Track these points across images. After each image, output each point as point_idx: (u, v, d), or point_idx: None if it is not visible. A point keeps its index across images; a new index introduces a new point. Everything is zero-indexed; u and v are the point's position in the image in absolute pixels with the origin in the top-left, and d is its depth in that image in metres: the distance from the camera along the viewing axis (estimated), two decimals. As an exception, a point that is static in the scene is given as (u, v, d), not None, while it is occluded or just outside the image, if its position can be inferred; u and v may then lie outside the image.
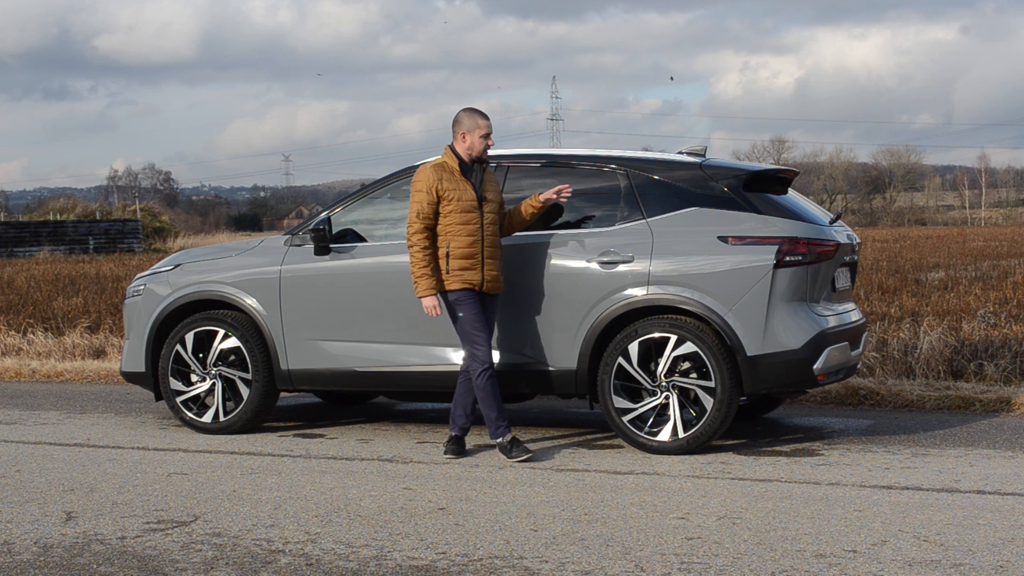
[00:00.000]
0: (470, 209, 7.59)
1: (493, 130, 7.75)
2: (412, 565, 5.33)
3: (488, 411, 7.58)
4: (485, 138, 7.67)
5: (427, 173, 7.61)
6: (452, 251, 7.56)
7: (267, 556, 5.52)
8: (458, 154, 7.69)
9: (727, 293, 7.64)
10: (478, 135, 7.65)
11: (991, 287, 18.31)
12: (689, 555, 5.42)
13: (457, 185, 7.60)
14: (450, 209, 7.56)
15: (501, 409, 7.60)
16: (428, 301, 7.56)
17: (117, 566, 5.40)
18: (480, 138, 7.65)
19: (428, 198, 7.55)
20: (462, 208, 7.57)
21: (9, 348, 14.41)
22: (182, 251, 9.56)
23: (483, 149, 7.68)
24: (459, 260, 7.56)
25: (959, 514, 6.07)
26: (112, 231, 65.03)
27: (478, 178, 7.69)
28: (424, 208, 7.55)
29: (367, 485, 6.97)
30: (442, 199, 7.57)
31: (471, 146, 7.66)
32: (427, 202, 7.55)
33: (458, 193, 7.57)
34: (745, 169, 8.09)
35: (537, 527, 5.93)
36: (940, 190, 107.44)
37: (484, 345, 7.57)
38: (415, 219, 7.57)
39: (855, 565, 5.23)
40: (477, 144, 7.65)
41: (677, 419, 7.67)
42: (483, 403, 7.57)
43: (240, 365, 8.67)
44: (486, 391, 7.56)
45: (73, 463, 7.79)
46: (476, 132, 7.66)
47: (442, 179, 7.58)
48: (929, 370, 10.55)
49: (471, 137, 7.66)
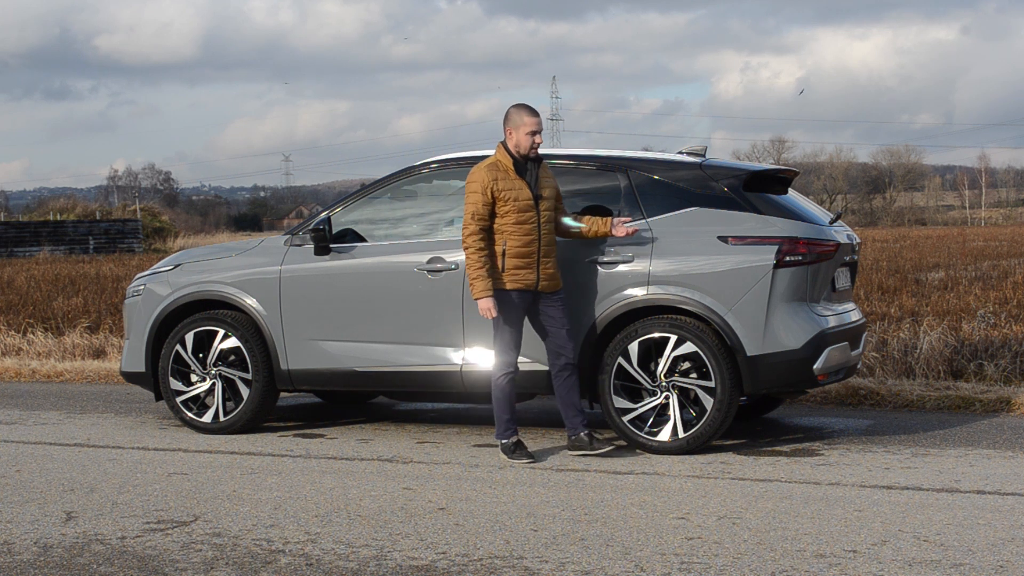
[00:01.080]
0: (527, 208, 7.45)
1: (543, 127, 7.58)
2: (412, 565, 5.33)
3: (500, 412, 7.55)
4: (532, 135, 7.48)
5: (481, 173, 7.48)
6: (508, 250, 7.45)
7: (267, 556, 5.52)
8: (510, 151, 7.55)
9: (727, 293, 7.64)
10: (524, 132, 7.49)
11: (991, 287, 18.31)
12: (689, 555, 5.42)
13: (512, 184, 7.45)
14: (507, 209, 7.43)
15: (513, 412, 7.58)
16: (484, 303, 7.40)
17: (117, 566, 5.40)
18: (526, 135, 7.49)
19: (483, 199, 7.42)
20: (519, 208, 7.43)
21: (9, 348, 14.41)
22: (182, 251, 9.56)
23: (530, 146, 7.50)
24: (515, 259, 7.45)
25: (959, 514, 6.07)
26: (112, 231, 65.04)
27: (533, 176, 7.54)
28: (479, 209, 7.43)
29: (367, 485, 6.97)
30: (497, 199, 7.43)
31: (518, 143, 7.51)
32: (482, 203, 7.43)
33: (514, 193, 7.44)
34: (745, 169, 8.09)
35: (537, 527, 5.93)
36: (940, 190, 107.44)
37: (515, 351, 7.51)
38: (470, 220, 7.44)
39: (855, 565, 5.23)
40: (524, 141, 7.50)
41: (677, 419, 7.67)
42: (497, 404, 7.54)
43: (240, 365, 8.67)
44: (503, 392, 7.51)
45: (73, 463, 7.79)
46: (522, 129, 7.51)
47: (497, 179, 7.45)
48: (929, 370, 10.54)
49: (517, 134, 7.52)
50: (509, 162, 7.51)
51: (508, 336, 7.50)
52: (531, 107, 7.59)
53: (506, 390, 7.53)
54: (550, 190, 7.61)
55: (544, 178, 7.63)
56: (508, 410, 7.55)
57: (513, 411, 7.59)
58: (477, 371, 8.11)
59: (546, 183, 7.62)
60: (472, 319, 8.07)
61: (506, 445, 7.59)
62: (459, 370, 8.15)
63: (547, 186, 7.61)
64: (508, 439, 7.58)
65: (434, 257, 8.22)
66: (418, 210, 8.90)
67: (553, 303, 7.60)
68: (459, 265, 8.13)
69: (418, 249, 8.32)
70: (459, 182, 8.73)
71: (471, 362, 8.12)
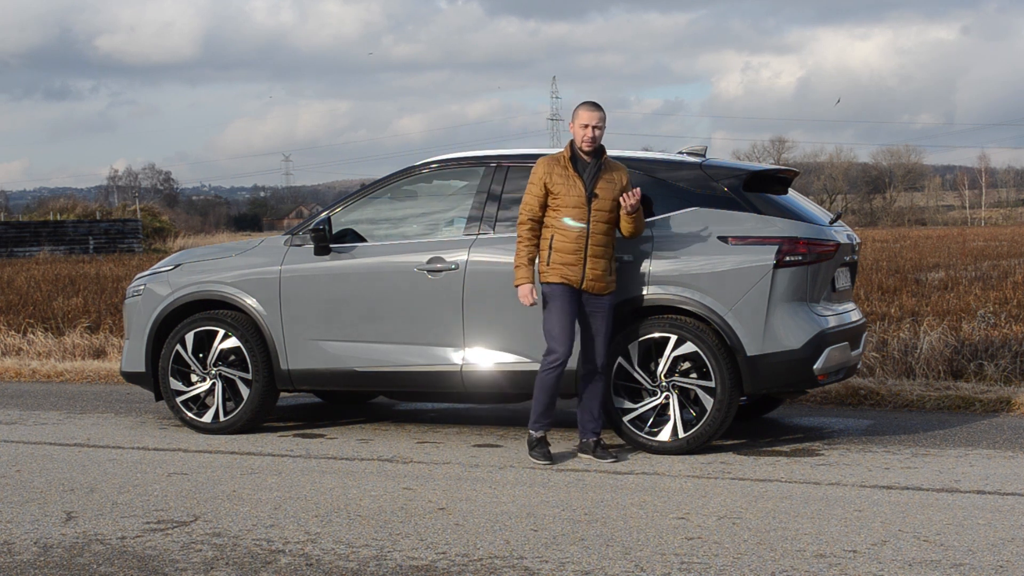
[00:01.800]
0: (576, 205, 7.38)
1: (602, 123, 7.44)
2: (412, 565, 5.33)
3: (538, 403, 7.49)
4: (585, 128, 7.40)
5: (540, 166, 7.47)
6: (555, 244, 7.40)
7: (267, 556, 5.52)
8: (572, 146, 7.53)
9: (727, 293, 7.64)
10: (579, 124, 7.44)
11: (991, 287, 18.31)
12: (689, 555, 5.42)
13: (566, 180, 7.40)
14: (557, 204, 7.39)
15: (550, 408, 7.51)
16: (522, 289, 7.40)
17: (117, 566, 5.40)
18: (580, 127, 7.42)
19: (536, 191, 7.41)
20: (568, 204, 7.38)
21: (9, 348, 14.41)
22: (182, 251, 9.56)
23: (582, 139, 7.41)
24: (560, 255, 7.39)
25: (959, 514, 6.07)
26: (112, 231, 65.04)
27: (590, 173, 7.43)
28: (530, 201, 7.42)
29: (367, 485, 6.97)
30: (550, 192, 7.41)
31: (574, 137, 7.49)
32: (534, 195, 7.42)
33: (566, 188, 7.39)
34: (745, 169, 8.09)
35: (537, 527, 5.93)
36: (940, 190, 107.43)
37: (561, 344, 7.38)
38: (522, 211, 7.47)
39: (855, 565, 5.23)
40: (577, 134, 7.44)
41: (677, 419, 7.67)
42: (538, 393, 7.47)
43: (240, 365, 8.67)
44: (547, 385, 7.44)
45: (73, 463, 7.79)
46: (577, 122, 7.47)
47: (552, 172, 7.41)
48: (929, 370, 10.54)
49: (573, 127, 7.49)
50: (568, 156, 7.47)
51: (552, 328, 7.42)
52: (593, 103, 7.51)
53: (546, 382, 7.43)
54: (608, 191, 7.42)
55: (604, 179, 7.44)
56: (543, 402, 7.47)
57: (552, 407, 7.51)
58: (477, 371, 8.11)
59: (605, 183, 7.43)
60: (472, 319, 8.08)
61: (532, 438, 7.53)
62: (459, 370, 8.16)
63: (605, 187, 7.42)
64: (536, 432, 7.53)
65: (434, 257, 8.22)
66: (418, 210, 8.90)
67: (597, 307, 7.48)
68: (459, 265, 8.13)
69: (418, 249, 8.32)
70: (459, 182, 8.74)
71: (471, 362, 8.12)
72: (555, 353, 7.40)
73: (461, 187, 8.67)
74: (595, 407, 7.57)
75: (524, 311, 7.96)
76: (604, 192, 7.43)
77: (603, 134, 7.52)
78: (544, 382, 7.45)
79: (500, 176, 8.31)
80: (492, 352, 8.09)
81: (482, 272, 8.09)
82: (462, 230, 8.30)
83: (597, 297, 7.48)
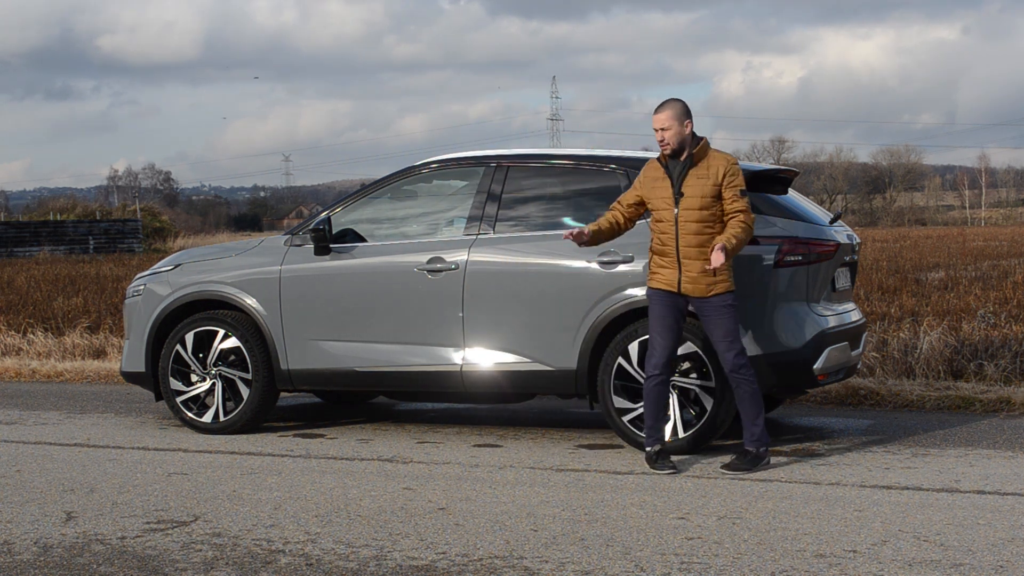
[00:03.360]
0: (664, 207, 7.21)
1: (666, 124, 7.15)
2: (412, 565, 5.33)
3: (646, 416, 7.26)
4: (655, 133, 7.23)
5: (645, 165, 7.35)
6: (652, 247, 7.28)
7: (267, 556, 5.52)
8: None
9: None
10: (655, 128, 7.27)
11: (991, 287, 18.31)
12: (689, 555, 5.42)
13: (656, 182, 7.25)
14: (651, 207, 7.29)
15: (658, 419, 7.26)
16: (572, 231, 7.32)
17: (117, 566, 5.40)
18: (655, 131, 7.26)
19: (632, 187, 7.35)
20: (657, 206, 7.24)
21: (9, 348, 14.41)
22: (182, 251, 9.56)
23: (659, 142, 7.21)
24: (657, 258, 7.24)
25: (959, 514, 6.07)
26: (112, 231, 65.05)
27: (678, 172, 7.24)
28: (625, 195, 7.36)
29: (367, 485, 6.97)
30: (643, 194, 7.31)
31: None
32: (630, 190, 7.35)
33: (656, 191, 7.24)
34: (745, 169, 8.07)
35: (537, 527, 5.93)
36: (940, 190, 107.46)
37: (656, 350, 7.18)
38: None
39: (855, 565, 5.23)
40: (656, 137, 7.29)
41: (677, 419, 7.67)
42: (646, 406, 7.26)
43: (240, 365, 8.67)
44: (647, 395, 7.23)
45: (73, 463, 7.79)
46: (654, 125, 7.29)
47: (647, 174, 7.29)
48: (929, 370, 10.54)
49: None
50: (660, 157, 7.31)
51: (652, 337, 7.23)
52: (659, 105, 7.25)
53: (651, 395, 7.20)
54: (696, 189, 7.11)
55: (694, 175, 7.15)
56: (652, 415, 7.23)
57: (660, 416, 7.24)
58: (477, 371, 8.11)
59: (694, 183, 7.13)
60: (472, 319, 8.08)
61: (649, 453, 7.28)
62: (459, 370, 8.16)
63: (694, 185, 7.12)
64: (651, 447, 7.27)
65: (434, 257, 8.22)
66: (418, 210, 8.91)
67: (706, 310, 7.16)
68: (459, 265, 8.13)
69: (418, 249, 8.32)
70: (459, 182, 8.75)
71: (471, 362, 8.12)
72: (651, 359, 7.19)
73: (461, 187, 8.68)
74: (745, 415, 7.20)
75: (524, 311, 7.97)
76: (691, 190, 7.13)
77: (675, 133, 7.14)
78: (647, 395, 7.23)
79: (500, 176, 8.31)
80: (492, 352, 8.09)
81: (482, 272, 8.09)
82: (462, 230, 8.31)
83: (703, 300, 7.15)
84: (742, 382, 7.13)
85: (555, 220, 8.20)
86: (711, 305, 7.13)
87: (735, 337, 7.13)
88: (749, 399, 7.16)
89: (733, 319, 7.14)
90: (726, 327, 7.13)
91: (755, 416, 7.16)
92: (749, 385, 7.13)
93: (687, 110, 7.23)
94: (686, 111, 7.22)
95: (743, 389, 7.15)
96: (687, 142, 7.19)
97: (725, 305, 7.13)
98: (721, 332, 7.13)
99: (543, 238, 8.08)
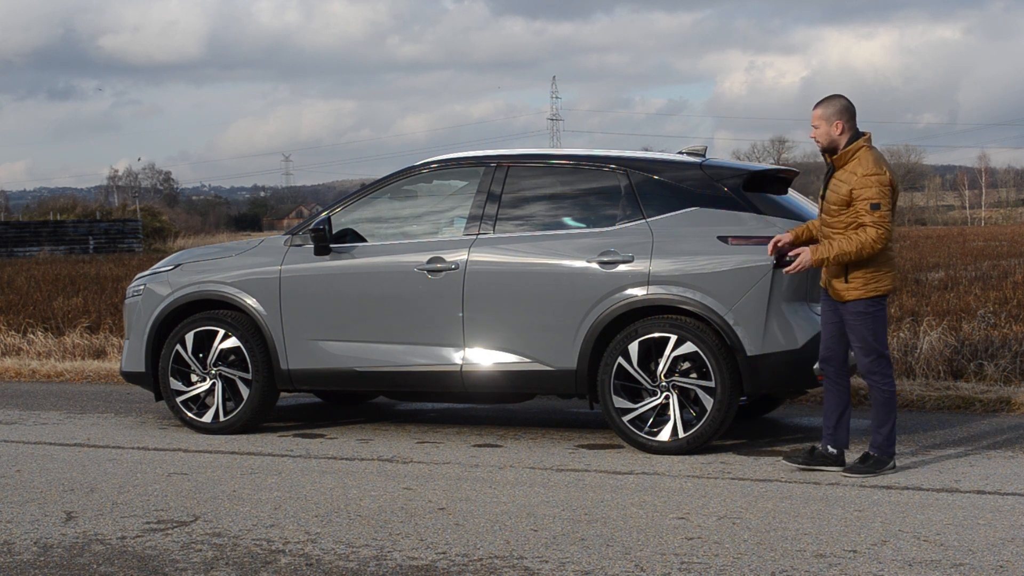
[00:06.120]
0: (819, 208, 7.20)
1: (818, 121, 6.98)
2: (412, 565, 5.33)
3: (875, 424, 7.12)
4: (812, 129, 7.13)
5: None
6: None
7: (267, 556, 5.52)
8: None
9: (727, 293, 7.64)
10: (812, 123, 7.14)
11: (991, 287, 18.30)
12: (689, 555, 5.42)
13: (823, 182, 7.19)
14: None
15: (827, 416, 7.19)
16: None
17: (117, 566, 5.40)
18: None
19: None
20: (820, 207, 7.17)
21: (9, 348, 14.41)
22: (182, 251, 9.56)
23: (814, 139, 7.08)
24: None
25: (959, 514, 6.07)
26: (112, 231, 65.04)
27: (828, 174, 7.12)
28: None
29: (367, 485, 6.97)
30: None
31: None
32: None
33: (820, 189, 7.18)
34: (745, 169, 8.10)
35: (537, 527, 5.93)
36: (940, 190, 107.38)
37: (820, 346, 7.24)
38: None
39: (855, 565, 5.23)
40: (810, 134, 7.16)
41: (677, 419, 7.67)
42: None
43: (240, 365, 8.67)
44: (825, 393, 7.24)
45: (73, 463, 7.79)
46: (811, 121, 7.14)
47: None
48: (929, 370, 10.54)
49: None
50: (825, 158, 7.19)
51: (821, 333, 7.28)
52: (823, 100, 7.08)
53: (825, 396, 7.22)
54: (834, 189, 6.95)
55: (837, 177, 6.98)
56: (824, 414, 7.21)
57: (826, 415, 7.19)
58: (477, 371, 8.11)
59: (837, 182, 6.96)
60: (472, 319, 8.08)
61: (817, 451, 7.23)
62: (459, 370, 8.16)
63: (835, 187, 6.96)
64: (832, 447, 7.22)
65: (434, 257, 8.22)
66: (418, 210, 8.91)
67: (845, 315, 7.05)
68: (459, 265, 8.13)
69: (418, 249, 8.33)
70: (459, 182, 8.75)
71: (471, 362, 8.13)
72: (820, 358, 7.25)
73: (461, 187, 8.68)
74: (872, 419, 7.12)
75: (524, 311, 7.97)
76: (831, 193, 6.99)
77: (823, 132, 6.97)
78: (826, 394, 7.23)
79: (500, 176, 8.31)
80: (492, 352, 8.09)
81: (482, 272, 8.10)
82: (462, 230, 8.31)
83: (841, 304, 7.07)
84: (872, 388, 7.08)
85: (555, 220, 8.20)
86: (847, 310, 7.04)
87: (868, 345, 7.00)
88: (877, 405, 7.09)
89: (866, 327, 7.00)
90: (858, 333, 7.02)
91: (880, 423, 7.06)
92: (880, 392, 7.05)
93: (840, 110, 6.98)
94: (839, 111, 6.98)
95: (873, 394, 7.10)
96: (838, 142, 7.01)
97: (857, 312, 7.00)
98: (855, 337, 7.05)
99: (543, 238, 8.08)
